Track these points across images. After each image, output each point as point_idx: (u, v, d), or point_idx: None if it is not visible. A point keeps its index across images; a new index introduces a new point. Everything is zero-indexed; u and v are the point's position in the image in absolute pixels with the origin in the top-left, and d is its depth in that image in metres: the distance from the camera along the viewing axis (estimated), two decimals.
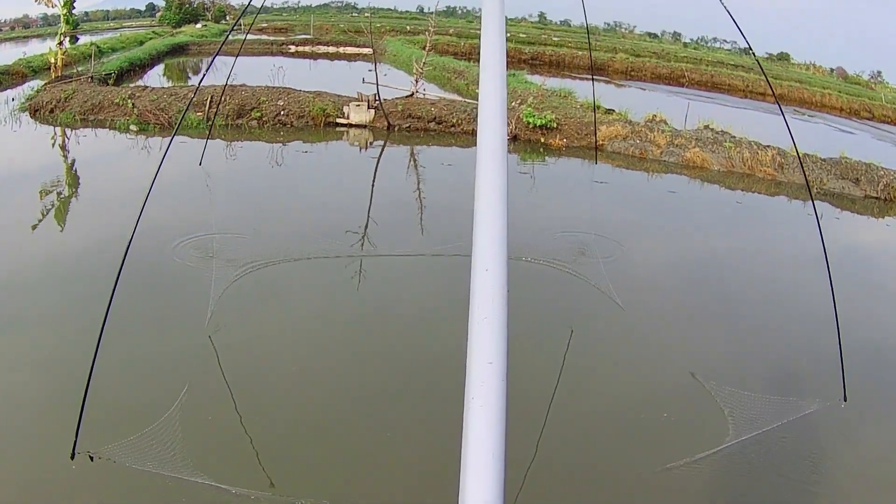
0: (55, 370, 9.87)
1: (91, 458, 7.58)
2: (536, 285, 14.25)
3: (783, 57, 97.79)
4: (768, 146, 27.03)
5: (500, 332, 2.12)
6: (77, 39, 51.24)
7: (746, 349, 12.43)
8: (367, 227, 16.93)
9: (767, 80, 31.16)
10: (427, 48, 35.23)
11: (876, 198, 25.27)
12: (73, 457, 6.98)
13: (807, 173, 25.65)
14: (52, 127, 26.01)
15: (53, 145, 24.34)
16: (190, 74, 47.61)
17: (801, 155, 26.18)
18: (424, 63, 32.78)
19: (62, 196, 18.77)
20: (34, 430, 8.67)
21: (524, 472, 8.37)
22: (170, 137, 24.52)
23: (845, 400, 9.41)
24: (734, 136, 27.92)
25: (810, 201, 23.74)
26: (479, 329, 2.12)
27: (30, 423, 8.82)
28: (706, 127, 28.93)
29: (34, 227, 15.79)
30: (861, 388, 11.18)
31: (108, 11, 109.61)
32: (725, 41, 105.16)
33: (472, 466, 1.85)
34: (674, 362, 11.74)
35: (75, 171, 21.54)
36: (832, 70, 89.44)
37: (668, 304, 14.27)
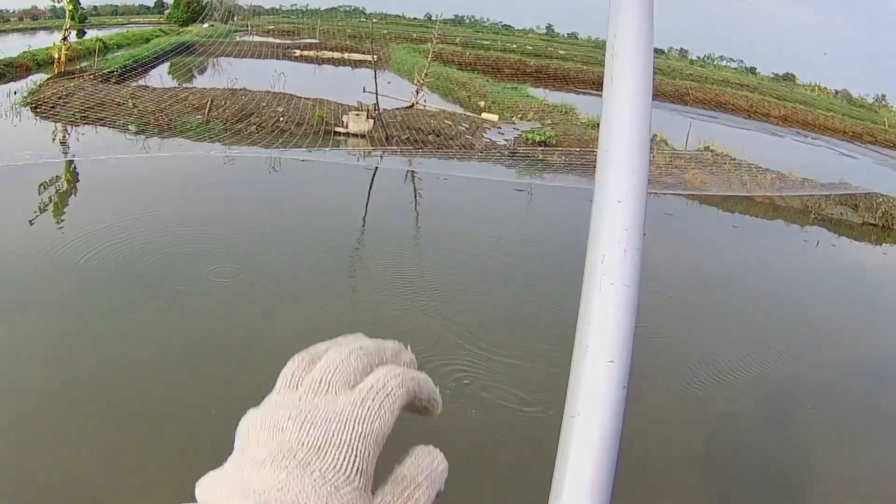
0: None
1: None
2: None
3: (789, 77, 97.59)
4: (767, 170, 27.03)
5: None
6: (84, 33, 51.15)
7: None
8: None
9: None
10: (429, 58, 35.20)
11: (874, 225, 25.24)
12: None
13: (805, 198, 25.67)
14: (52, 123, 25.92)
15: (53, 141, 24.29)
16: (195, 74, 47.60)
17: (800, 179, 26.40)
18: (426, 74, 32.73)
19: (58, 191, 18.76)
20: None
21: None
22: (168, 138, 24.91)
23: None
24: (734, 159, 27.91)
25: (807, 226, 23.81)
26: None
27: None
28: (707, 149, 28.96)
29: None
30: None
31: (116, 7, 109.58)
32: (732, 59, 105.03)
33: None
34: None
35: (74, 168, 21.50)
36: (837, 92, 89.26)
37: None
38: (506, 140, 28.58)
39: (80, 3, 35.27)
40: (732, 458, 10.05)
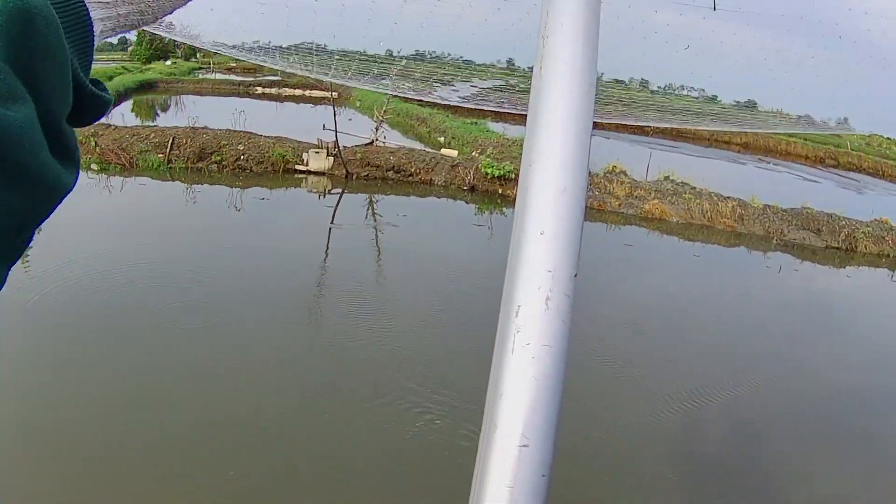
0: None
1: None
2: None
3: (750, 105, 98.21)
4: (728, 197, 27.16)
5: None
6: None
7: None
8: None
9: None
10: (389, 95, 35.25)
11: (837, 248, 25.43)
12: None
13: (767, 224, 25.83)
14: None
15: None
16: (158, 112, 47.58)
17: (761, 206, 26.57)
18: (385, 111, 32.77)
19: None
20: None
21: None
22: (130, 178, 24.85)
23: None
24: (694, 188, 28.03)
25: (770, 252, 23.93)
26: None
27: None
28: (666, 178, 29.06)
29: None
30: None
31: None
32: (693, 88, 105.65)
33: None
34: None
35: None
36: (799, 117, 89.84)
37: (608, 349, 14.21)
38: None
39: None
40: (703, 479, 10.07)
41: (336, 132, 28.24)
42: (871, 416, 13.12)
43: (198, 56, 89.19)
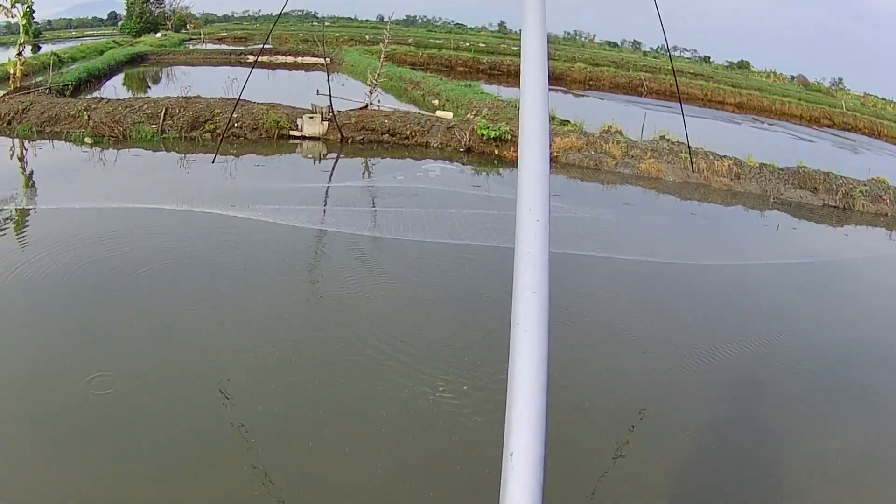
0: None
1: None
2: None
3: (743, 65, 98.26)
4: (724, 156, 27.09)
5: (542, 265, 2.48)
6: (39, 48, 50.89)
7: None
8: None
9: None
10: (381, 58, 35.12)
11: (834, 206, 25.38)
12: None
13: (763, 183, 25.78)
14: (9, 139, 25.68)
15: (11, 157, 24.06)
16: (149, 84, 47.38)
17: (758, 165, 26.51)
18: (379, 74, 32.64)
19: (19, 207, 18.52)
20: None
21: None
22: (124, 149, 24.75)
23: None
24: (690, 147, 27.93)
25: (767, 210, 23.89)
26: (524, 262, 2.47)
27: None
28: (662, 137, 28.96)
29: None
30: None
31: (70, 20, 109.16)
32: (686, 49, 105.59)
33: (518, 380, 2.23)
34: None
35: (33, 182, 21.28)
36: (793, 77, 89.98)
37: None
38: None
39: (34, 18, 34.89)
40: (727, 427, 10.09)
41: (330, 97, 28.12)
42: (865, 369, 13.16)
43: (188, 27, 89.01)
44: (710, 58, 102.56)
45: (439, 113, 31.49)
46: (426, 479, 8.73)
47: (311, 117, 27.88)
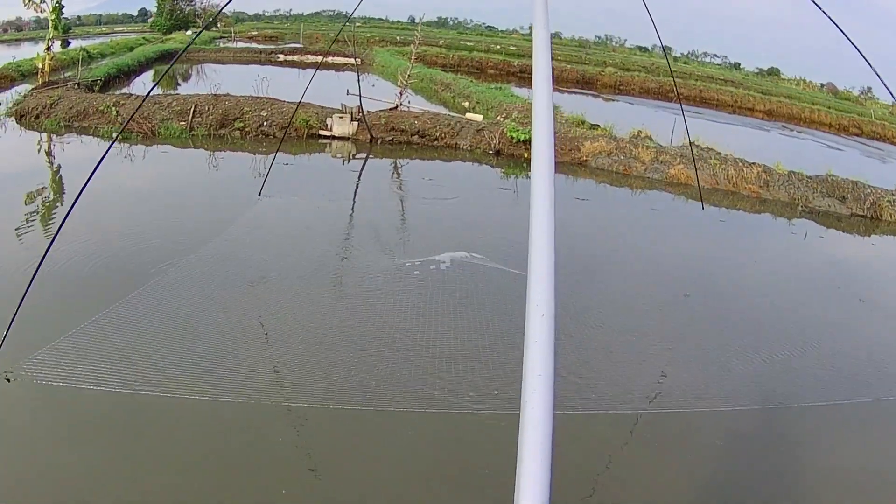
0: None
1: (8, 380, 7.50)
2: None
3: (773, 72, 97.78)
4: (754, 163, 26.95)
5: (548, 349, 2.47)
6: (69, 43, 51.14)
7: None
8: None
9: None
10: (412, 60, 35.12)
11: (862, 216, 25.19)
12: None
13: (792, 191, 25.65)
14: (37, 133, 25.86)
15: (39, 151, 24.21)
16: (179, 81, 47.54)
17: (786, 172, 26.38)
18: (409, 75, 32.67)
19: (46, 201, 18.64)
20: None
21: None
22: (153, 146, 24.86)
23: None
24: (720, 153, 27.83)
25: (795, 219, 23.77)
26: (532, 346, 2.47)
27: None
28: (691, 143, 28.87)
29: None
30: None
31: (100, 16, 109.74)
32: (716, 56, 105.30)
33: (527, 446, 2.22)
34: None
35: (60, 177, 21.40)
36: (822, 85, 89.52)
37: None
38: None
39: (63, 14, 35.07)
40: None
41: (360, 97, 28.16)
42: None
43: (218, 25, 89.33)
44: (740, 64, 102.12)
45: (469, 115, 31.47)
46: None
47: (340, 117, 27.92)
